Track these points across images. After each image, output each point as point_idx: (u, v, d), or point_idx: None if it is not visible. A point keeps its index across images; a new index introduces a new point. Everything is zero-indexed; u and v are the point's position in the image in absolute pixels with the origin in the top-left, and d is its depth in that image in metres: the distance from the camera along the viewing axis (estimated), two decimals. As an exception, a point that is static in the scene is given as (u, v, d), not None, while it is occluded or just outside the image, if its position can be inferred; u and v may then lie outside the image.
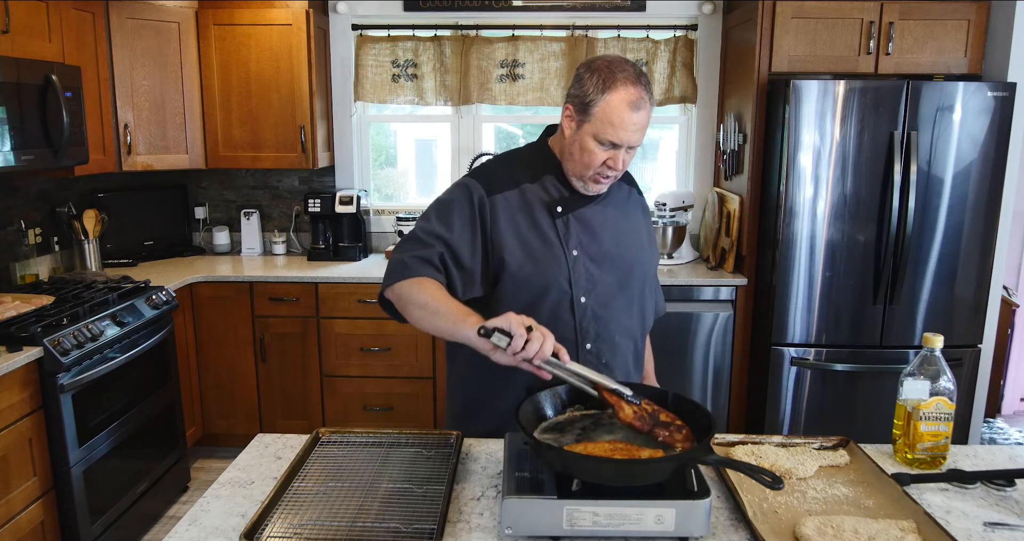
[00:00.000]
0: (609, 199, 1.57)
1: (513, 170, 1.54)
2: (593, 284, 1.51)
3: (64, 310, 2.50)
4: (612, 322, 1.54)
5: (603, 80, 1.40)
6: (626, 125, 1.39)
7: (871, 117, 2.86)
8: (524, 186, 1.51)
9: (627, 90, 1.39)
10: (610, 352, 1.55)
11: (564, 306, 1.50)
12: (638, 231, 1.61)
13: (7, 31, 2.44)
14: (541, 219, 1.49)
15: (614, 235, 1.54)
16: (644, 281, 1.60)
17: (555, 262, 1.48)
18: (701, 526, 1.10)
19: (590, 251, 1.51)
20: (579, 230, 1.51)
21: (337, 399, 3.42)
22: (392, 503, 1.21)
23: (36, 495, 2.29)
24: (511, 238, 1.48)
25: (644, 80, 1.41)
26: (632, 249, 1.57)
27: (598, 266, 1.52)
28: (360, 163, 3.94)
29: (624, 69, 1.40)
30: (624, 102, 1.39)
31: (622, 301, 1.55)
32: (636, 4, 3.63)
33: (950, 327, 3.00)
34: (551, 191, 1.52)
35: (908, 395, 1.38)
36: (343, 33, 3.74)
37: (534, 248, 1.48)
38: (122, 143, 3.25)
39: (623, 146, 1.42)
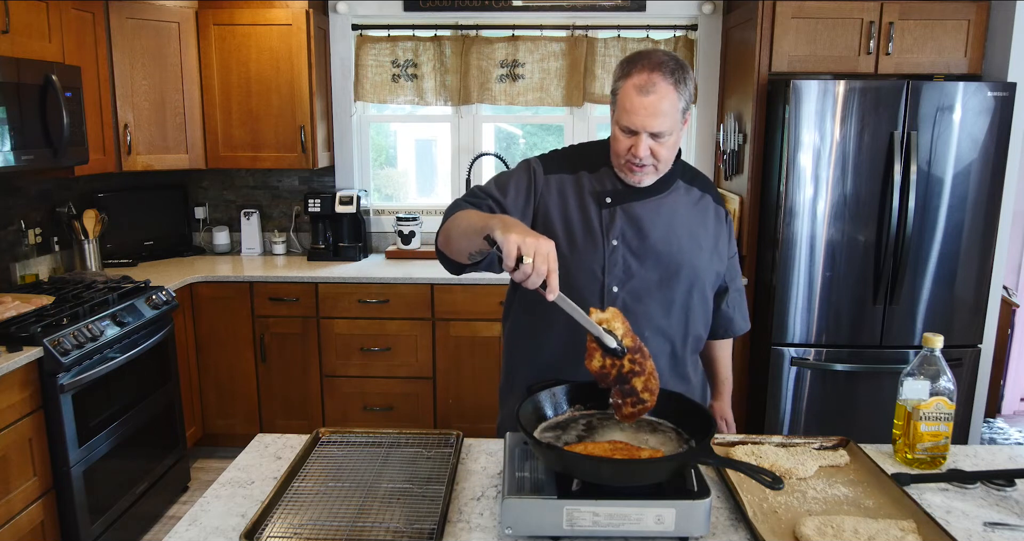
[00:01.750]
0: (669, 198, 1.56)
1: (576, 158, 1.60)
2: (630, 276, 1.52)
3: (64, 310, 2.50)
4: (645, 318, 1.53)
5: (623, 68, 1.45)
6: (636, 109, 1.41)
7: (871, 117, 2.86)
8: (581, 173, 1.56)
9: (640, 75, 1.41)
10: None
11: (594, 292, 1.52)
12: (701, 236, 1.58)
13: (7, 31, 2.44)
14: (589, 206, 1.54)
15: (664, 233, 1.53)
16: (695, 285, 1.56)
17: (592, 248, 1.51)
18: (701, 526, 1.10)
19: (632, 245, 1.52)
20: (624, 222, 1.52)
21: (337, 399, 3.42)
22: (392, 503, 1.21)
23: (36, 495, 2.29)
24: (556, 217, 1.54)
25: (669, 67, 1.41)
26: (684, 251, 1.54)
27: (639, 260, 1.52)
28: (360, 163, 3.94)
29: (647, 57, 1.43)
30: (633, 87, 1.41)
31: (660, 299, 1.54)
32: (636, 4, 3.63)
33: (950, 327, 3.00)
34: (605, 182, 1.55)
35: (908, 395, 1.38)
36: (343, 33, 3.74)
37: (575, 231, 1.53)
38: (122, 143, 3.25)
39: (641, 132, 1.43)
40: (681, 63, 1.44)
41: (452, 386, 3.37)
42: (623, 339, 1.25)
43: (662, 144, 1.45)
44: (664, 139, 1.44)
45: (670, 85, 1.41)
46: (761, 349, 3.16)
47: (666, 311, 1.55)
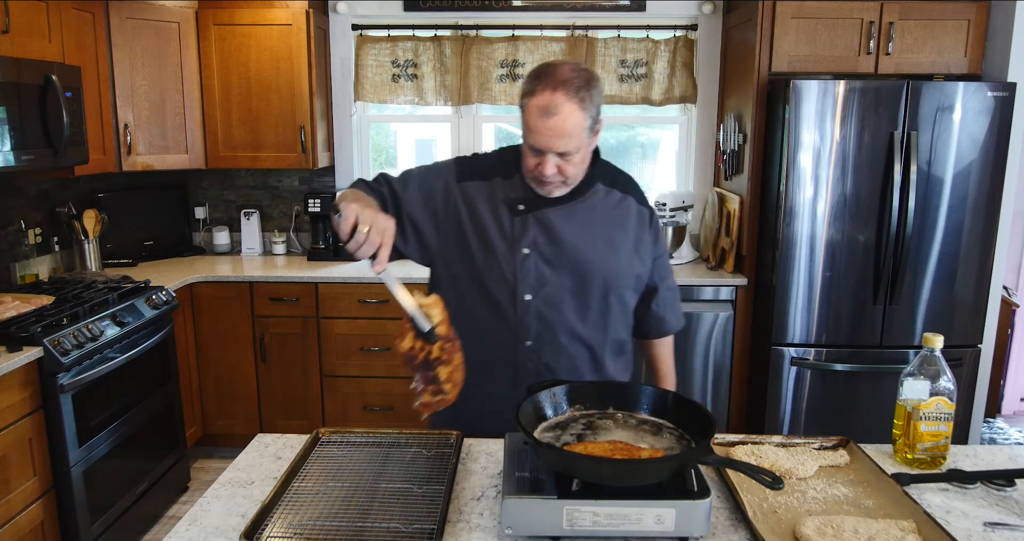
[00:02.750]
0: (585, 203, 1.55)
1: (493, 163, 1.59)
2: (543, 284, 1.52)
3: (64, 310, 2.50)
4: (559, 324, 1.53)
5: (528, 84, 1.42)
6: (540, 130, 1.39)
7: (871, 117, 2.86)
8: (496, 180, 1.56)
9: (542, 95, 1.38)
10: (553, 354, 1.54)
11: (506, 299, 1.52)
12: (619, 239, 1.57)
13: (7, 31, 2.44)
14: (501, 213, 1.53)
15: (578, 240, 1.53)
16: (611, 290, 1.55)
17: (503, 255, 1.51)
18: (701, 526, 1.10)
19: (544, 252, 1.52)
20: (537, 230, 1.52)
21: (337, 399, 3.42)
22: (392, 503, 1.21)
23: (36, 495, 2.29)
24: (468, 223, 1.53)
25: (574, 85, 1.37)
26: (599, 256, 1.53)
27: (552, 268, 1.52)
28: (360, 163, 3.93)
29: (551, 74, 1.39)
30: (536, 108, 1.38)
31: (575, 306, 1.54)
32: (636, 4, 3.62)
33: (950, 327, 3.00)
34: (519, 189, 1.54)
35: (908, 395, 1.38)
36: (343, 33, 3.74)
37: (487, 239, 1.52)
38: (122, 143, 3.25)
39: (546, 152, 1.41)
40: (587, 78, 1.40)
41: (452, 386, 3.37)
42: (438, 326, 1.25)
43: (569, 162, 1.44)
44: (571, 157, 1.43)
45: (575, 105, 1.37)
46: (761, 349, 3.16)
47: (582, 317, 1.55)
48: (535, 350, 1.54)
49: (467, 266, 1.53)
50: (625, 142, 4.04)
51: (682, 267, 3.49)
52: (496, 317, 1.53)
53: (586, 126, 1.41)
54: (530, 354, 1.54)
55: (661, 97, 3.70)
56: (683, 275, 3.31)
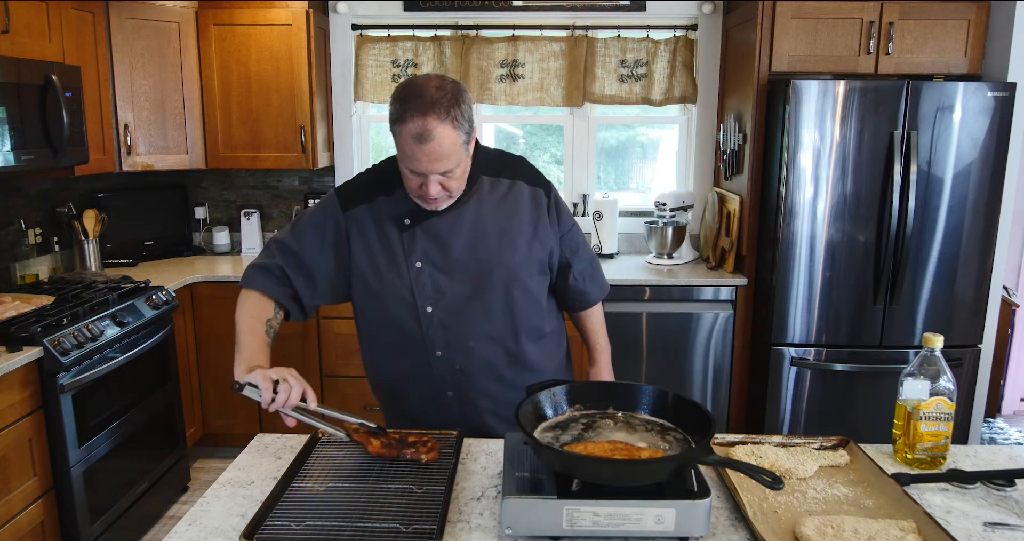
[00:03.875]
0: (470, 203, 1.54)
1: (373, 183, 1.58)
2: (440, 294, 1.52)
3: (64, 310, 2.50)
4: (464, 330, 1.54)
5: (396, 110, 1.38)
6: (418, 157, 1.37)
7: (871, 117, 2.86)
8: (379, 199, 1.55)
9: (413, 122, 1.35)
10: (464, 359, 1.55)
11: (409, 315, 1.53)
12: (514, 229, 1.55)
13: (7, 31, 2.44)
14: (389, 231, 1.54)
15: (469, 242, 1.52)
16: (513, 284, 1.54)
17: (397, 274, 1.52)
18: (701, 526, 1.10)
19: (436, 262, 1.52)
20: (425, 242, 1.52)
21: (337, 399, 3.42)
22: (392, 503, 1.21)
23: (36, 495, 2.29)
24: (360, 250, 1.55)
25: (443, 105, 1.35)
26: (493, 253, 1.53)
27: (447, 276, 1.52)
28: (360, 163, 3.93)
29: (418, 97, 1.35)
30: (410, 135, 1.36)
31: (478, 308, 1.53)
32: (636, 4, 3.63)
33: (950, 327, 3.00)
34: (401, 204, 1.54)
35: (908, 395, 1.38)
36: (343, 33, 3.74)
37: (379, 260, 1.54)
38: (122, 143, 3.25)
39: (428, 175, 1.41)
40: (454, 94, 1.37)
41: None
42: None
43: (451, 178, 1.43)
44: (452, 172, 1.42)
45: (447, 125, 1.35)
46: (761, 349, 3.16)
47: (487, 317, 1.54)
48: (446, 359, 1.56)
49: (369, 289, 1.55)
50: (625, 142, 4.04)
51: (682, 267, 3.49)
52: (403, 333, 1.55)
53: (462, 142, 1.40)
54: (442, 363, 1.56)
55: (661, 97, 3.70)
56: (683, 275, 3.31)
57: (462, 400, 1.59)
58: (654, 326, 3.24)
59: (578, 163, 3.85)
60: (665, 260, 3.55)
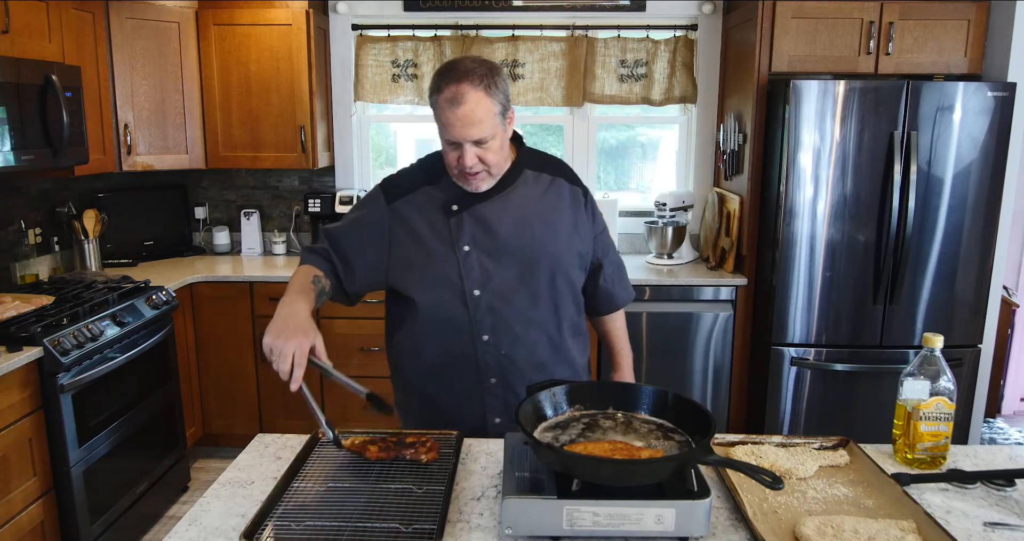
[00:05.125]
0: (515, 192, 1.59)
1: (417, 175, 1.64)
2: (488, 278, 1.55)
3: (64, 310, 2.50)
4: (512, 314, 1.56)
5: (434, 83, 1.47)
6: (451, 122, 1.44)
7: (871, 117, 2.86)
8: (425, 188, 1.61)
9: (448, 89, 1.43)
10: (510, 343, 1.57)
11: (456, 299, 1.55)
12: (556, 221, 1.60)
13: (7, 31, 2.44)
14: (436, 218, 1.57)
15: (515, 229, 1.56)
16: (557, 272, 1.59)
17: (445, 258, 1.55)
18: (701, 526, 1.10)
19: (484, 246, 1.55)
20: (473, 227, 1.55)
21: (337, 399, 3.42)
22: (392, 503, 1.21)
23: (36, 495, 2.29)
24: (405, 238, 1.58)
25: (477, 74, 1.43)
26: (539, 240, 1.57)
27: (495, 261, 1.55)
28: (360, 163, 3.94)
29: (454, 68, 1.45)
30: (444, 101, 1.44)
31: (525, 294, 1.57)
32: (636, 4, 3.63)
33: (950, 327, 3.00)
34: (449, 191, 1.58)
35: (908, 395, 1.38)
36: (343, 33, 3.74)
37: (426, 245, 1.57)
38: (122, 143, 3.25)
39: (463, 142, 1.45)
40: (490, 68, 1.46)
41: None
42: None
43: (487, 150, 1.47)
44: (488, 144, 1.47)
45: (480, 91, 1.42)
46: (761, 349, 3.16)
47: (533, 303, 1.58)
48: (493, 343, 1.57)
49: (415, 275, 1.57)
50: (625, 142, 4.04)
51: (682, 267, 3.49)
52: (450, 318, 1.57)
53: (496, 112, 1.46)
54: (488, 348, 1.57)
55: (661, 97, 3.70)
56: (683, 275, 3.31)
57: (505, 387, 1.60)
58: (654, 326, 3.24)
59: (578, 163, 3.85)
60: (665, 260, 3.55)
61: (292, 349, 1.32)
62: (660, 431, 1.29)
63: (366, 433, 1.41)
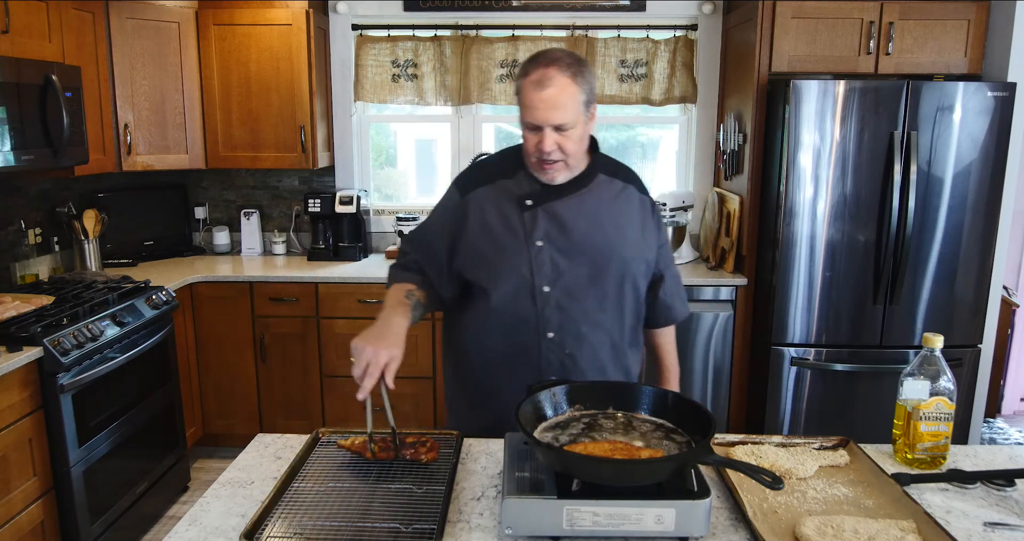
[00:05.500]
0: (590, 194, 1.58)
1: (493, 167, 1.64)
2: (559, 275, 1.54)
3: (64, 310, 2.50)
4: (579, 314, 1.56)
5: (522, 68, 1.49)
6: (535, 104, 1.44)
7: (871, 117, 2.86)
8: (499, 182, 1.60)
9: (535, 72, 1.45)
10: (575, 343, 1.57)
11: (525, 293, 1.54)
12: (626, 226, 1.60)
13: (7, 31, 2.44)
14: (510, 211, 1.56)
15: (589, 229, 1.55)
16: (626, 277, 1.58)
17: (516, 251, 1.54)
18: (701, 526, 1.10)
19: (558, 243, 1.54)
20: (547, 223, 1.54)
21: (337, 399, 3.42)
22: (392, 503, 1.21)
23: (36, 495, 2.29)
24: (478, 229, 1.57)
25: (566, 62, 1.45)
26: (611, 243, 1.56)
27: (567, 258, 1.54)
28: (360, 163, 3.94)
29: (544, 55, 1.47)
30: (531, 83, 1.45)
31: (594, 294, 1.56)
32: (636, 4, 3.62)
33: (950, 327, 3.00)
34: (524, 185, 1.58)
35: (908, 395, 1.38)
36: (343, 33, 3.74)
37: (498, 238, 1.56)
38: (122, 143, 3.25)
39: (544, 126, 1.45)
40: (579, 59, 1.48)
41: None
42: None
43: (567, 137, 1.47)
44: (568, 131, 1.46)
45: (567, 78, 1.43)
46: (761, 349, 3.16)
47: (600, 305, 1.57)
48: (557, 342, 1.56)
49: (486, 267, 1.56)
50: (625, 142, 4.04)
51: (682, 267, 3.49)
52: (517, 312, 1.56)
53: (581, 100, 1.46)
54: (552, 346, 1.56)
55: (661, 97, 3.70)
56: (683, 275, 3.30)
57: None
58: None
59: (578, 163, 3.84)
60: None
61: (367, 358, 1.32)
62: (660, 431, 1.29)
63: (366, 433, 1.41)
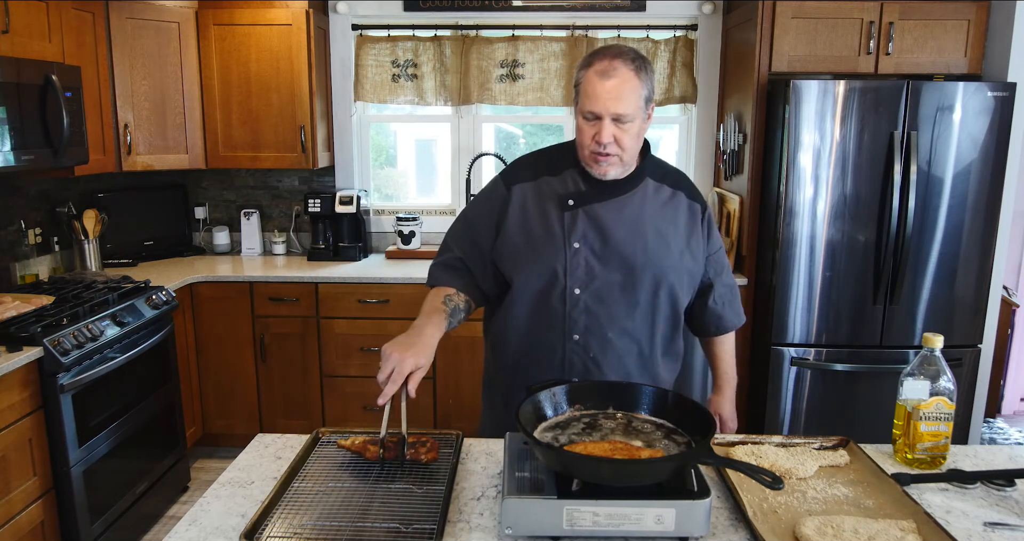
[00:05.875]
0: (634, 198, 1.56)
1: (539, 163, 1.63)
2: (592, 278, 1.53)
3: (64, 310, 2.50)
4: (607, 319, 1.54)
5: (586, 60, 1.50)
6: (598, 93, 1.44)
7: (871, 117, 2.86)
8: (543, 178, 1.59)
9: (600, 63, 1.45)
10: (600, 348, 1.55)
11: (556, 294, 1.54)
12: (670, 235, 1.57)
13: (7, 31, 2.44)
14: (550, 209, 1.55)
15: (628, 235, 1.53)
16: (661, 287, 1.55)
17: (552, 250, 1.53)
18: (701, 526, 1.10)
19: (594, 246, 1.53)
20: (586, 224, 1.53)
21: (337, 399, 3.42)
22: (392, 503, 1.21)
23: (36, 495, 2.29)
24: (516, 223, 1.57)
25: (630, 56, 1.46)
26: (650, 251, 1.53)
27: (602, 262, 1.53)
28: (360, 163, 3.94)
29: (610, 48, 1.48)
30: (595, 73, 1.45)
31: (624, 301, 1.54)
32: (636, 4, 3.63)
33: (950, 327, 3.00)
34: (569, 184, 1.56)
35: (908, 395, 1.38)
36: (343, 33, 3.74)
37: (535, 235, 1.55)
38: (122, 143, 3.25)
39: (604, 117, 1.45)
40: (643, 57, 1.49)
41: (452, 386, 3.37)
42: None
43: (625, 131, 1.46)
44: (626, 125, 1.46)
45: (631, 71, 1.44)
46: (761, 349, 3.16)
47: (630, 312, 1.55)
48: (582, 344, 1.55)
49: (520, 262, 1.56)
50: (625, 142, 4.04)
51: (682, 267, 3.49)
52: (545, 311, 1.55)
53: (642, 95, 1.46)
54: (577, 348, 1.55)
55: (661, 97, 3.70)
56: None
57: None
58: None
59: (578, 163, 3.84)
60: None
61: (392, 365, 1.32)
62: (660, 431, 1.29)
63: (366, 433, 1.41)
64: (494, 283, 1.62)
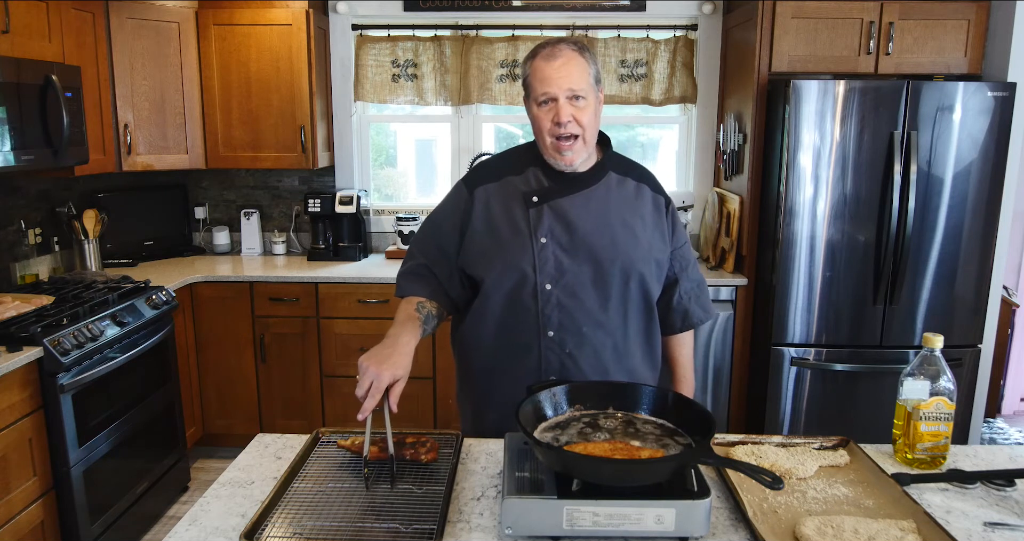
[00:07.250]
0: (598, 191, 1.57)
1: (501, 164, 1.64)
2: (561, 273, 1.53)
3: (64, 310, 2.50)
4: (580, 313, 1.54)
5: (528, 56, 1.54)
6: (549, 75, 1.47)
7: (871, 117, 2.86)
8: (507, 178, 1.60)
9: (545, 50, 1.50)
10: (575, 343, 1.55)
11: (527, 291, 1.54)
12: (637, 226, 1.57)
13: (7, 31, 2.44)
14: (515, 207, 1.56)
15: (595, 227, 1.54)
16: (631, 277, 1.55)
17: (520, 248, 1.53)
18: (701, 526, 1.10)
19: (561, 241, 1.53)
20: (552, 219, 1.54)
21: (337, 399, 3.42)
22: (392, 503, 1.21)
23: (36, 495, 2.29)
24: (482, 224, 1.58)
25: (571, 40, 1.52)
26: (618, 242, 1.54)
27: (570, 256, 1.53)
28: (360, 163, 3.94)
29: (549, 41, 1.53)
30: (541, 58, 1.49)
31: (596, 294, 1.55)
32: (636, 4, 3.63)
33: (950, 327, 3.00)
34: (532, 181, 1.58)
35: (908, 395, 1.38)
36: (343, 33, 3.74)
37: (501, 234, 1.55)
38: (122, 143, 3.25)
39: (559, 96, 1.47)
40: (584, 42, 1.57)
41: (452, 386, 3.37)
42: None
43: (581, 109, 1.48)
44: (581, 102, 1.48)
45: (575, 51, 1.49)
46: (761, 349, 3.16)
47: (603, 305, 1.56)
48: (557, 341, 1.55)
49: (489, 263, 1.56)
50: (625, 142, 4.04)
51: (682, 267, 3.49)
52: (518, 310, 1.55)
53: (590, 73, 1.50)
54: (552, 345, 1.55)
55: (661, 97, 3.70)
56: (683, 275, 3.31)
57: None
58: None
59: (578, 163, 3.84)
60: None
61: (370, 379, 1.31)
62: (660, 431, 1.29)
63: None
64: (461, 289, 1.63)
